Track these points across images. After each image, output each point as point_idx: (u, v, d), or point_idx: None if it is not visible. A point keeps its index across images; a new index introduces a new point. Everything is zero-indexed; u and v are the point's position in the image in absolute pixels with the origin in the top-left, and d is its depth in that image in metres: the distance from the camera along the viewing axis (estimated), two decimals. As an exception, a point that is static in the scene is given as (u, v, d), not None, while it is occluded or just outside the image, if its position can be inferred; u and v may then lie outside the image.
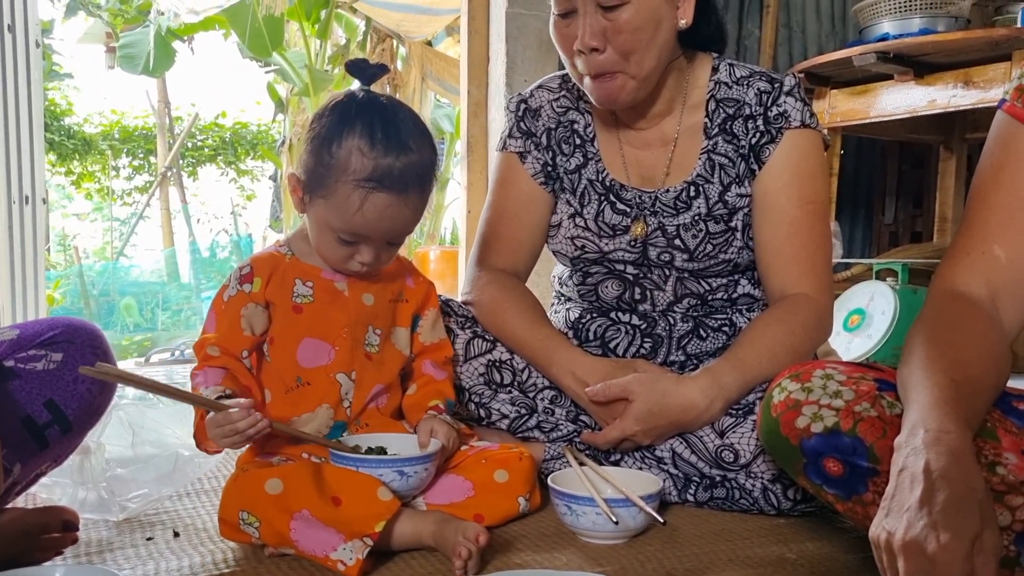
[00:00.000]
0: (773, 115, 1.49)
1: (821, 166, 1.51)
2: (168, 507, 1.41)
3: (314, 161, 1.22)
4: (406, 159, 1.20)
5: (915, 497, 0.84)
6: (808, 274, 1.47)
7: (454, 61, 6.57)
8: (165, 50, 7.48)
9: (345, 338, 1.29)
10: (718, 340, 1.54)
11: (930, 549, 0.79)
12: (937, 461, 0.86)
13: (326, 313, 1.28)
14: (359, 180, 1.18)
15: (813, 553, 1.22)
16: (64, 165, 10.11)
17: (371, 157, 1.18)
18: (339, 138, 1.20)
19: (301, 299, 1.28)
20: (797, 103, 1.49)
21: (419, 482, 1.23)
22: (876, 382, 1.10)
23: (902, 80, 2.95)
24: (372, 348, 1.31)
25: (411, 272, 1.39)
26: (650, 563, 1.17)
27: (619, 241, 1.55)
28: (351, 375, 1.28)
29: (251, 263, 1.29)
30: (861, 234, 4.09)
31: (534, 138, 1.62)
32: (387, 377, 1.32)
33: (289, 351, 1.27)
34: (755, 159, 1.50)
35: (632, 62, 1.41)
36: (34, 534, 1.13)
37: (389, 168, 1.18)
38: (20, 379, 1.12)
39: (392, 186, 1.19)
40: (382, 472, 1.18)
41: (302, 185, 1.25)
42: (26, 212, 2.93)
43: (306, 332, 1.28)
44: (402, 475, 1.20)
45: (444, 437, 1.26)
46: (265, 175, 10.59)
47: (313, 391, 1.27)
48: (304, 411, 1.28)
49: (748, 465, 1.36)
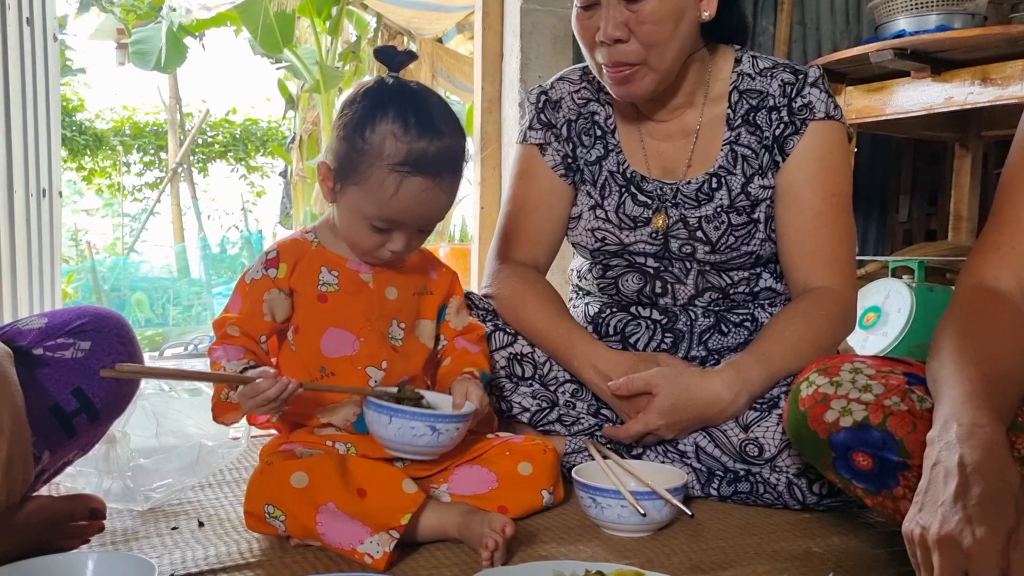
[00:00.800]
0: (797, 106, 1.48)
1: (845, 158, 1.51)
2: (191, 497, 1.42)
3: (347, 148, 1.21)
4: (439, 143, 1.19)
5: (950, 492, 0.83)
6: (832, 267, 1.46)
7: (464, 58, 6.57)
8: (177, 46, 7.49)
9: (370, 330, 1.28)
10: (739, 335, 1.53)
11: (966, 544, 0.79)
12: (971, 455, 0.86)
13: (350, 304, 1.28)
14: (394, 165, 1.17)
15: (840, 547, 1.21)
16: (75, 161, 10.14)
17: (405, 141, 1.17)
18: (372, 123, 1.19)
19: (326, 288, 1.28)
20: (822, 94, 1.48)
21: (449, 441, 1.21)
22: (905, 376, 1.10)
23: (919, 77, 2.93)
24: (396, 341, 1.30)
25: (434, 265, 1.39)
26: (676, 556, 1.17)
27: (640, 233, 1.54)
28: (381, 366, 1.28)
29: (277, 248, 1.28)
30: (875, 232, 4.07)
31: (554, 130, 1.62)
32: (413, 369, 1.31)
33: (313, 340, 1.27)
34: (779, 151, 1.49)
35: (654, 54, 1.41)
36: (61, 522, 1.14)
37: (423, 152, 1.18)
38: (49, 367, 1.12)
39: (427, 170, 1.18)
40: (414, 425, 1.17)
41: (333, 173, 1.23)
42: (43, 205, 2.94)
43: (331, 322, 1.27)
44: (434, 431, 1.18)
45: (478, 400, 1.25)
46: (275, 171, 10.62)
47: (338, 382, 1.26)
48: (330, 401, 1.27)
49: (773, 459, 1.36)
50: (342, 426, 1.26)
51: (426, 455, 1.22)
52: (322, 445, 1.25)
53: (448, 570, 1.11)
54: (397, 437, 1.19)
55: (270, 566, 1.12)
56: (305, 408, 1.27)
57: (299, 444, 1.26)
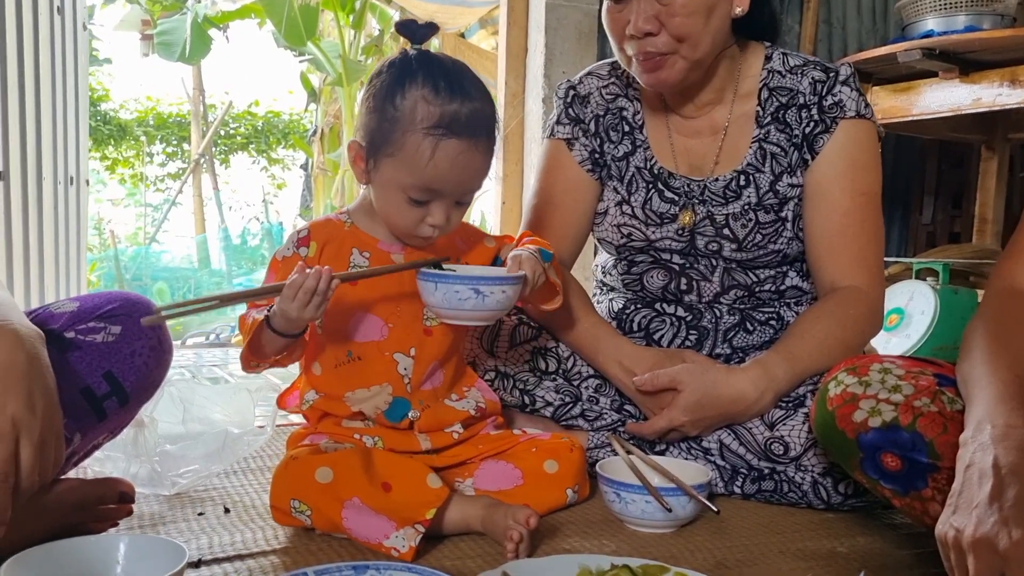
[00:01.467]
0: (828, 104, 1.47)
1: (875, 157, 1.49)
2: (217, 484, 1.43)
3: (378, 118, 1.19)
4: (471, 104, 1.17)
5: (984, 493, 0.83)
6: (860, 267, 1.45)
7: (487, 53, 6.55)
8: (201, 38, 7.54)
9: (400, 314, 1.27)
10: (765, 334, 1.52)
11: (1002, 546, 0.78)
12: (1006, 456, 0.85)
13: (381, 287, 1.26)
14: (428, 128, 1.15)
15: (864, 548, 1.21)
16: (99, 150, 10.22)
17: (437, 104, 1.15)
18: (402, 90, 1.17)
19: (357, 270, 1.27)
20: (852, 92, 1.47)
21: (495, 304, 1.18)
22: (936, 377, 1.09)
23: (946, 78, 2.91)
24: (432, 321, 1.28)
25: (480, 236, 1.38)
26: (700, 553, 1.17)
27: (666, 230, 1.54)
28: (410, 352, 1.27)
29: (309, 227, 1.28)
30: (898, 233, 4.04)
31: (582, 125, 1.61)
32: (444, 351, 1.30)
33: (342, 323, 1.26)
34: (808, 149, 1.48)
35: (685, 46, 1.40)
36: (91, 505, 1.15)
37: (456, 113, 1.16)
38: (80, 350, 1.12)
39: (462, 131, 1.16)
40: (458, 288, 1.16)
41: (365, 150, 1.22)
42: (70, 193, 2.97)
43: (360, 305, 1.26)
44: (478, 293, 1.16)
45: (530, 270, 1.21)
46: (296, 164, 10.67)
47: (367, 367, 1.26)
48: (358, 386, 1.26)
49: (798, 458, 1.35)
50: (372, 415, 1.25)
51: (477, 319, 1.20)
52: (349, 438, 1.25)
53: (472, 561, 1.11)
54: (444, 303, 1.18)
55: (296, 553, 1.13)
56: (337, 387, 1.27)
57: (325, 436, 1.26)
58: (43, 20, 2.74)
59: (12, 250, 2.57)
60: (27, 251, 2.68)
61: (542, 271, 1.23)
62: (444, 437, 1.29)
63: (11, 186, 2.54)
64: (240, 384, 1.65)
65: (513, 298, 1.20)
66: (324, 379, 1.28)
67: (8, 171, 2.52)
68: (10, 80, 2.53)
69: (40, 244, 2.79)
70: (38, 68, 2.72)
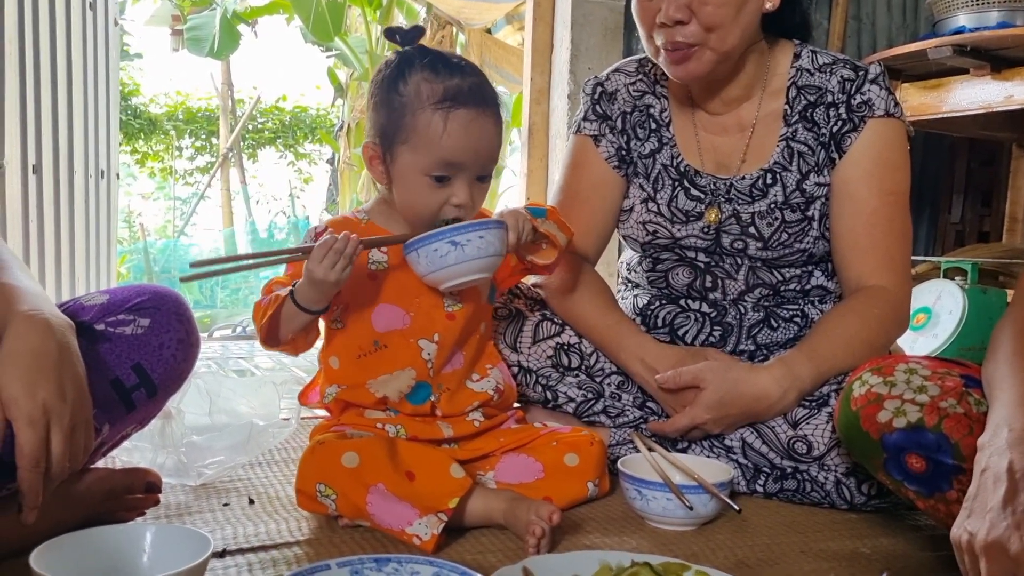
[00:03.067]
0: (856, 103, 1.46)
1: (904, 157, 1.48)
2: (242, 475, 1.45)
3: (385, 111, 1.24)
4: (471, 79, 1.23)
5: (998, 497, 0.82)
6: (886, 266, 1.44)
7: (513, 49, 6.56)
8: (230, 33, 7.59)
9: (420, 304, 1.28)
10: (789, 331, 1.52)
11: (1013, 550, 0.78)
12: (1021, 461, 0.85)
13: (400, 279, 1.28)
14: (436, 103, 1.20)
15: (888, 549, 1.20)
16: (129, 144, 10.34)
17: (439, 81, 1.21)
18: (403, 78, 1.22)
19: (376, 266, 1.28)
20: (882, 91, 1.46)
21: (476, 252, 1.17)
22: (962, 378, 1.08)
23: (978, 75, 2.87)
24: (453, 307, 1.30)
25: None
26: (721, 551, 1.17)
27: (692, 227, 1.53)
28: (434, 338, 1.28)
29: (327, 224, 1.30)
30: (925, 232, 4.00)
31: (609, 121, 1.61)
32: (465, 335, 1.31)
33: (365, 317, 1.28)
34: (836, 148, 1.47)
35: (714, 36, 1.39)
36: (119, 494, 1.17)
37: (459, 86, 1.21)
38: (110, 342, 1.14)
39: (468, 101, 1.21)
40: (436, 246, 1.16)
41: (380, 147, 1.25)
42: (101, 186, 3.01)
43: (381, 298, 1.28)
44: (455, 245, 1.16)
45: (511, 218, 1.24)
46: (323, 159, 10.72)
47: (392, 354, 1.28)
48: (382, 372, 1.28)
49: (822, 457, 1.35)
50: (396, 399, 1.26)
51: (467, 273, 1.19)
52: (372, 428, 1.26)
53: (493, 555, 1.12)
54: (429, 266, 1.18)
55: (318, 544, 1.15)
56: (359, 376, 1.28)
57: (349, 426, 1.27)
58: (75, 16, 2.78)
59: (44, 242, 2.61)
60: (58, 243, 2.72)
61: (526, 219, 1.26)
62: (465, 425, 1.30)
63: (43, 179, 2.59)
64: (266, 377, 1.67)
65: (493, 243, 1.19)
66: (344, 372, 1.30)
67: (41, 164, 2.57)
68: (43, 75, 2.58)
69: (71, 236, 2.83)
70: (70, 63, 2.76)
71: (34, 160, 2.51)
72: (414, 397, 1.28)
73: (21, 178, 2.43)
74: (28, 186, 2.48)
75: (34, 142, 2.50)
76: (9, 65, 2.29)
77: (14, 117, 2.36)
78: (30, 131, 2.48)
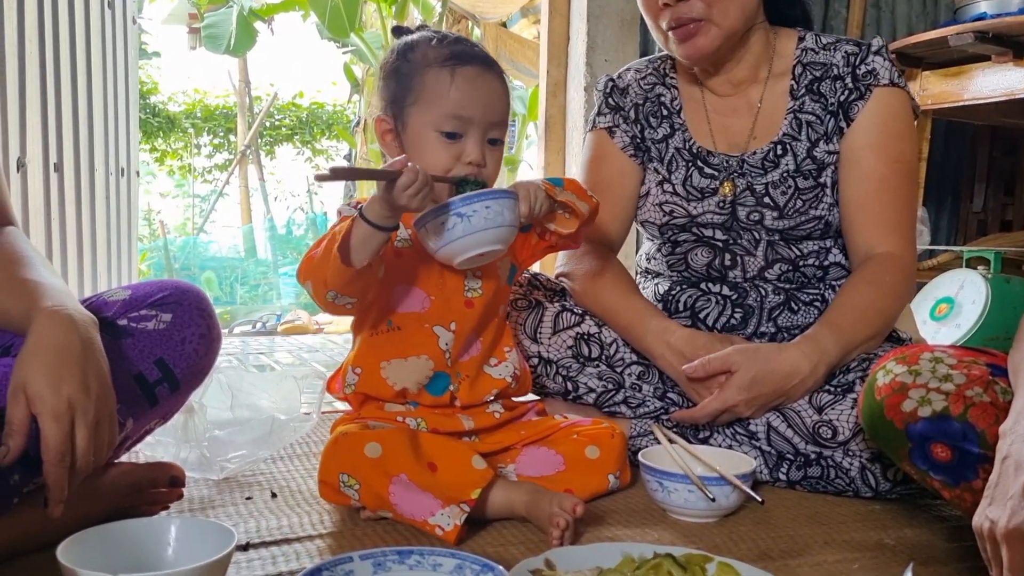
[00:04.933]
0: (861, 73, 1.49)
1: (909, 126, 1.51)
2: (264, 469, 1.45)
3: (394, 79, 1.27)
4: (476, 49, 1.29)
5: (1020, 485, 0.81)
6: (894, 232, 1.47)
7: (528, 42, 6.55)
8: (247, 30, 7.63)
9: (443, 287, 1.28)
10: (810, 314, 1.51)
11: None
12: None
13: (423, 260, 1.27)
14: (442, 62, 1.24)
15: (912, 539, 1.19)
16: (148, 143, 10.40)
17: (444, 46, 1.25)
18: (409, 50, 1.27)
19: (401, 243, 1.28)
20: (885, 62, 1.49)
21: (484, 223, 1.14)
22: (989, 367, 1.07)
23: (1000, 61, 2.83)
24: (474, 292, 1.29)
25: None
26: (744, 543, 1.16)
27: (707, 204, 1.54)
28: (451, 326, 1.28)
29: (356, 200, 1.30)
30: (947, 221, 3.96)
31: (622, 112, 1.64)
32: (484, 321, 1.31)
33: (385, 291, 1.28)
34: (844, 116, 1.50)
35: (717, 10, 1.43)
36: (143, 488, 1.18)
37: (463, 50, 1.26)
38: (133, 337, 1.15)
39: (473, 59, 1.25)
40: (443, 219, 1.14)
41: (390, 116, 1.28)
42: (121, 183, 3.03)
43: (403, 276, 1.28)
44: (462, 217, 1.13)
45: (523, 188, 1.21)
46: (340, 155, 10.75)
47: (405, 338, 1.27)
48: (395, 356, 1.27)
49: (847, 443, 1.34)
50: (415, 390, 1.26)
51: (477, 246, 1.15)
52: (392, 421, 1.27)
53: (515, 548, 1.12)
54: (439, 241, 1.15)
55: (341, 537, 1.15)
56: (372, 357, 1.28)
57: (370, 419, 1.28)
58: (94, 15, 2.80)
59: (66, 239, 2.63)
60: (80, 240, 2.75)
61: (539, 188, 1.23)
62: (486, 417, 1.30)
63: (65, 177, 2.61)
64: (286, 371, 1.68)
65: (502, 213, 1.15)
66: (361, 351, 1.30)
67: (62, 163, 2.59)
68: (63, 74, 2.60)
69: (93, 234, 2.85)
70: (90, 62, 2.78)
71: (55, 158, 2.52)
72: (433, 387, 1.27)
73: (43, 176, 2.45)
74: (50, 184, 2.51)
75: (55, 140, 2.52)
76: (30, 64, 2.31)
77: (35, 116, 2.38)
78: (51, 130, 2.50)
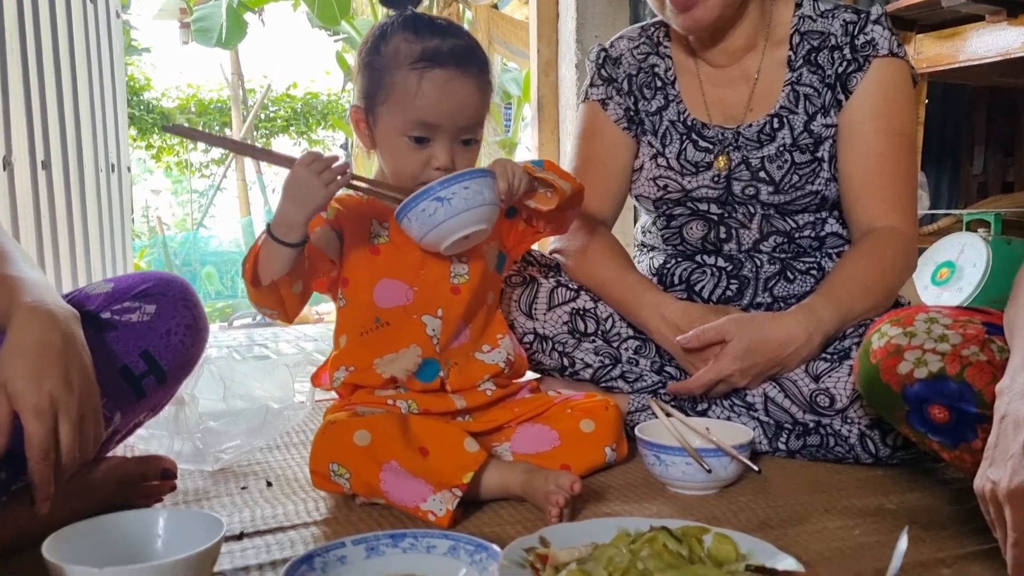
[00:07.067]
0: (860, 43, 1.45)
1: (909, 98, 1.47)
2: (259, 458, 1.44)
3: (367, 72, 1.23)
4: (453, 40, 1.21)
5: (1019, 443, 0.80)
6: (896, 207, 1.44)
7: (520, 23, 6.50)
8: (237, 22, 7.59)
9: (425, 277, 1.27)
10: (806, 283, 1.49)
11: None
12: None
13: (403, 253, 1.26)
14: (412, 64, 1.19)
15: (914, 504, 1.18)
16: (144, 139, 10.38)
17: (418, 42, 1.19)
18: (384, 39, 1.22)
19: (378, 240, 1.27)
20: (884, 31, 1.45)
21: (464, 204, 1.13)
22: (985, 326, 1.05)
23: (994, 21, 2.80)
24: (460, 278, 1.28)
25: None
26: (743, 513, 1.15)
27: (702, 178, 1.52)
28: (437, 313, 1.27)
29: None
30: (947, 185, 3.93)
31: (615, 84, 1.61)
32: (472, 308, 1.30)
33: (366, 292, 1.27)
34: (842, 88, 1.46)
35: None
36: (134, 482, 1.17)
37: (438, 47, 1.19)
38: (117, 330, 1.14)
39: (445, 61, 1.19)
40: (423, 206, 1.12)
41: (364, 111, 1.25)
42: (112, 180, 3.02)
43: (384, 273, 1.26)
44: (442, 201, 1.12)
45: (500, 167, 1.19)
46: (336, 144, 10.72)
47: (394, 331, 1.26)
48: (387, 351, 1.26)
49: (845, 410, 1.32)
50: (403, 378, 1.25)
51: (460, 229, 1.14)
52: (383, 405, 1.25)
53: (512, 527, 1.11)
54: (422, 228, 1.15)
55: (336, 524, 1.14)
56: (365, 356, 1.27)
57: (360, 405, 1.26)
58: (76, 10, 2.77)
59: (57, 237, 2.62)
60: (72, 238, 2.73)
61: (515, 164, 1.22)
62: (478, 395, 1.29)
63: (53, 174, 2.59)
64: (279, 360, 1.66)
65: (481, 192, 1.14)
66: (350, 351, 1.28)
67: (50, 160, 2.57)
68: (47, 71, 2.57)
69: (85, 231, 2.84)
70: (73, 58, 2.76)
71: (43, 156, 2.51)
72: (422, 374, 1.26)
73: (30, 174, 2.44)
74: (38, 182, 2.49)
75: (41, 138, 2.50)
76: (11, 62, 2.29)
77: (20, 113, 2.36)
78: (37, 127, 2.48)
